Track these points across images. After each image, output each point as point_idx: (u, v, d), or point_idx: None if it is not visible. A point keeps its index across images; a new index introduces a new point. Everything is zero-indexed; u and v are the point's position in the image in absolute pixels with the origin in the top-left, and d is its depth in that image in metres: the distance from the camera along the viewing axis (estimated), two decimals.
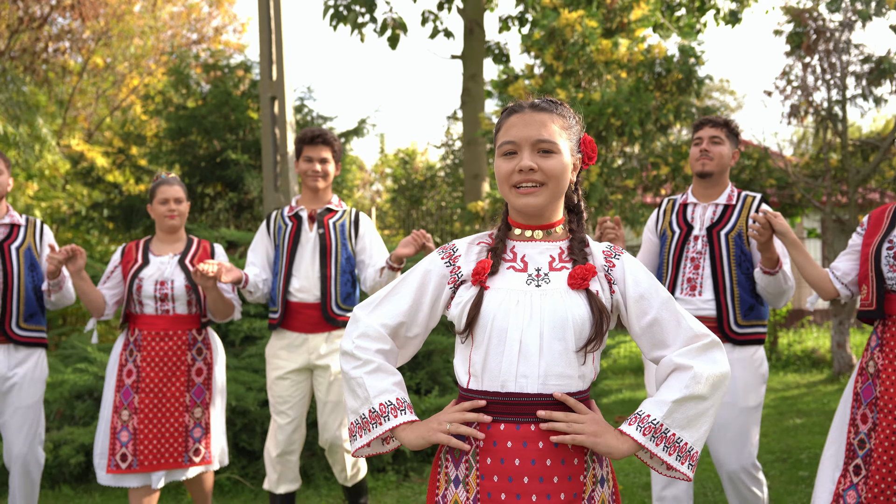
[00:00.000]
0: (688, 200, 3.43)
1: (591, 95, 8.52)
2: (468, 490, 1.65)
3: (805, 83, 9.12)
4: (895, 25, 8.88)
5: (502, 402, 1.63)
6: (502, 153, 1.71)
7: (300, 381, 3.70)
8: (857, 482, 2.73)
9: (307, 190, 3.75)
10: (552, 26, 8.87)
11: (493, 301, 1.67)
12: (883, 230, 2.83)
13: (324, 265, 3.65)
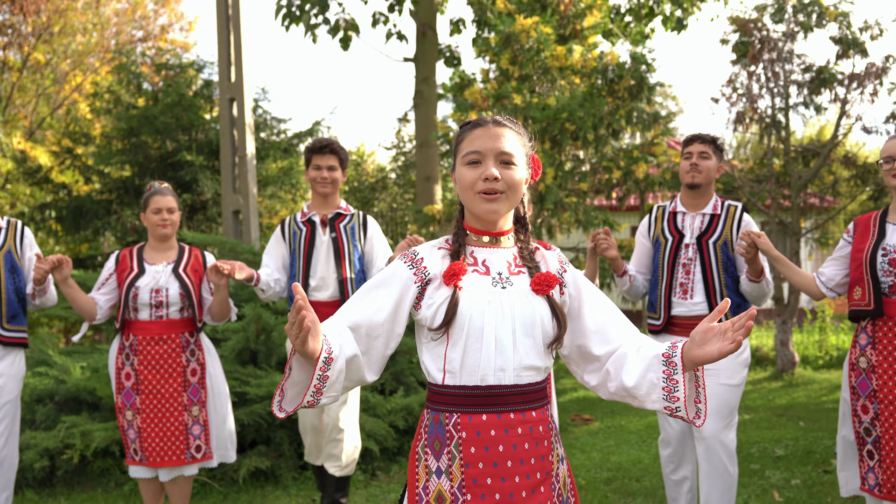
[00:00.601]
0: (677, 209, 3.69)
1: (546, 100, 8.68)
2: (452, 479, 1.76)
3: (750, 91, 9.44)
4: (835, 37, 9.25)
5: (484, 394, 1.77)
6: (466, 162, 1.83)
7: None
8: (872, 465, 3.13)
9: (317, 196, 4.01)
10: (508, 32, 9.01)
11: (467, 301, 1.79)
12: (874, 237, 3.17)
13: (339, 267, 3.92)
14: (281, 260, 4.03)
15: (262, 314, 5.07)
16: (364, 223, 4.06)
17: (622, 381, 1.79)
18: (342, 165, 4.00)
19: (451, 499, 1.75)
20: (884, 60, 9.16)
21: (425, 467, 1.81)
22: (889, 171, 3.16)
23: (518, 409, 1.78)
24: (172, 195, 3.81)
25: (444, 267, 1.84)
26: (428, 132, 12.35)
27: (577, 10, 9.58)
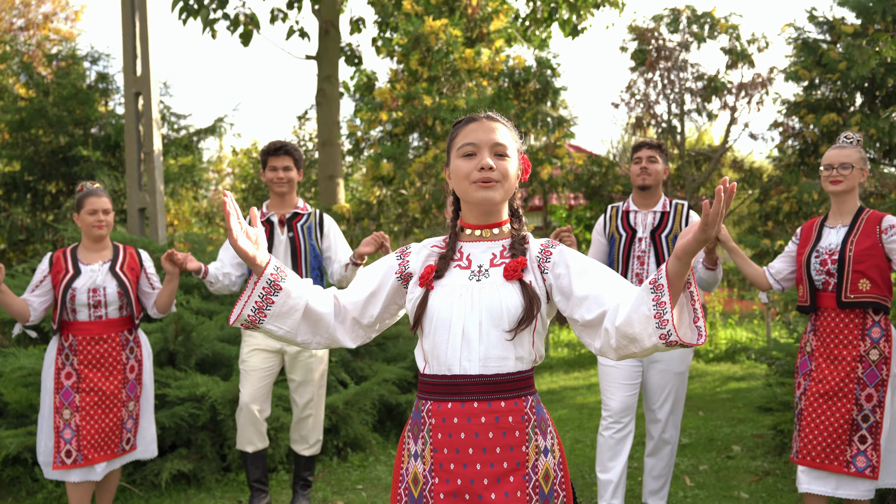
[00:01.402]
0: (629, 208, 4.04)
1: (455, 102, 8.81)
2: (424, 462, 1.86)
3: (647, 97, 9.86)
4: (725, 48, 9.79)
5: (449, 383, 1.85)
6: (462, 154, 1.90)
7: (269, 358, 4.15)
8: (795, 435, 3.54)
9: (275, 196, 4.17)
10: (417, 33, 9.08)
11: (438, 297, 1.89)
12: (812, 242, 3.54)
13: (295, 265, 4.09)
14: (236, 257, 4.12)
15: (184, 314, 4.96)
16: (320, 222, 4.21)
17: (615, 326, 1.74)
18: (297, 165, 4.16)
19: (423, 481, 1.86)
20: (769, 71, 9.76)
21: (408, 450, 1.93)
22: (828, 178, 3.48)
23: (483, 398, 1.83)
24: (107, 196, 3.84)
25: (425, 265, 1.96)
26: (331, 131, 12.28)
27: (483, 14, 9.75)
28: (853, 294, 3.37)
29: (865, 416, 3.34)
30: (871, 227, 3.41)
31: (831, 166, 3.45)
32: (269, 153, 4.12)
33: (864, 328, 3.38)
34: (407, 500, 1.88)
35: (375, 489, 4.81)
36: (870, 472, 3.30)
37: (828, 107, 9.37)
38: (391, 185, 9.32)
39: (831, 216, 3.55)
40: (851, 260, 3.36)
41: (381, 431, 5.96)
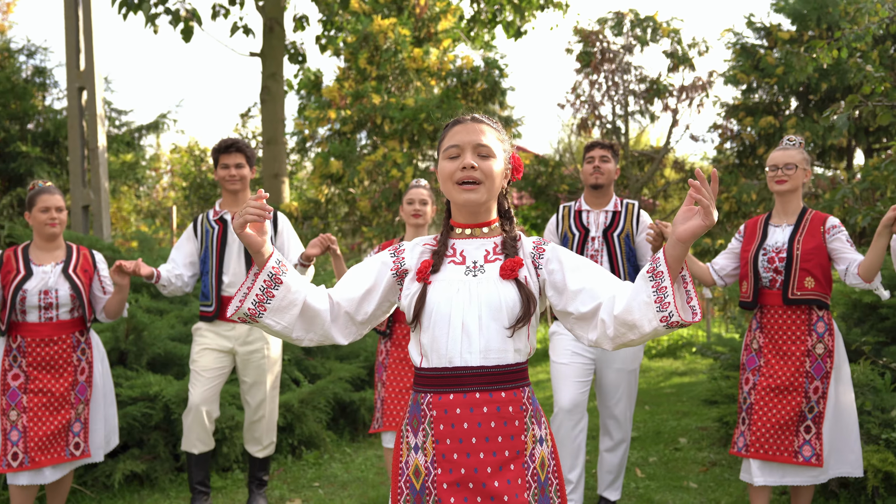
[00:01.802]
0: (581, 208, 4.07)
1: (404, 101, 8.84)
2: (426, 454, 1.88)
3: (592, 98, 10.05)
4: (667, 51, 10.04)
5: (451, 375, 1.88)
6: (447, 156, 1.95)
7: (221, 358, 4.11)
8: (743, 430, 3.59)
9: (227, 194, 4.12)
10: (366, 31, 9.09)
11: (436, 292, 1.91)
12: (758, 240, 3.62)
13: (248, 263, 4.06)
14: (189, 257, 4.13)
15: (136, 313, 4.88)
16: (275, 220, 4.15)
17: (614, 316, 1.81)
18: (249, 163, 4.10)
19: (426, 472, 1.87)
20: (709, 75, 10.05)
21: (406, 444, 1.93)
22: (773, 178, 3.58)
23: (484, 389, 1.87)
24: (60, 193, 3.73)
25: (420, 261, 1.98)
26: (275, 129, 12.17)
27: (431, 14, 9.81)
28: (799, 291, 3.47)
29: (811, 408, 3.47)
30: (816, 228, 3.53)
31: (776, 167, 3.54)
32: (221, 151, 4.06)
33: (810, 323, 3.48)
34: (408, 492, 1.89)
35: (332, 486, 4.82)
36: (815, 460, 3.42)
37: (765, 110, 9.69)
38: (340, 183, 9.30)
39: (775, 215, 3.64)
40: (799, 258, 3.46)
41: (335, 429, 5.95)
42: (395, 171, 8.56)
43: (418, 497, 1.87)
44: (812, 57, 6.51)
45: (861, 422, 4.22)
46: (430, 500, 1.85)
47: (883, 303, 4.84)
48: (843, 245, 3.49)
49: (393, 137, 9.03)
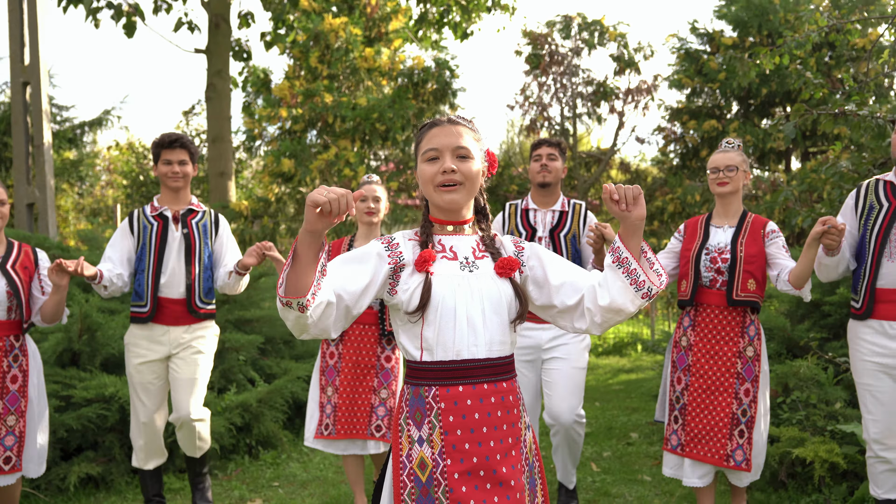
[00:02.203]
0: (528, 206, 4.02)
1: (356, 100, 8.84)
2: (433, 446, 1.90)
3: (541, 100, 10.21)
4: (614, 55, 10.25)
5: (459, 367, 1.92)
6: (426, 159, 1.98)
7: (160, 369, 3.94)
8: (676, 429, 3.60)
9: (168, 191, 3.94)
10: (317, 30, 9.06)
11: (439, 284, 1.94)
12: (700, 239, 3.63)
13: (189, 263, 3.91)
14: (126, 254, 3.92)
15: (90, 312, 4.79)
16: (216, 221, 4.06)
17: (600, 306, 1.95)
18: (192, 159, 3.96)
19: (433, 464, 1.89)
20: (653, 79, 10.29)
21: (408, 437, 1.93)
22: (714, 180, 3.61)
23: (490, 380, 1.93)
24: (3, 187, 3.55)
25: (415, 255, 1.98)
26: (221, 126, 12.03)
27: (382, 14, 9.82)
28: (743, 293, 3.50)
29: (744, 411, 3.47)
30: (757, 231, 3.59)
31: (717, 169, 3.56)
32: (163, 146, 3.89)
33: (743, 326, 3.50)
34: (413, 485, 1.90)
35: (292, 486, 4.81)
36: (745, 465, 3.44)
37: (707, 114, 9.97)
38: (290, 182, 9.25)
39: (716, 216, 3.65)
40: (742, 260, 3.50)
41: (291, 429, 5.93)
42: (348, 171, 8.55)
43: (424, 489, 1.88)
44: (756, 63, 6.75)
45: (807, 414, 4.41)
46: (438, 491, 1.88)
47: (826, 300, 5.04)
48: (779, 251, 3.56)
49: (345, 137, 9.02)
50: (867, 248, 3.28)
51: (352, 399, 3.86)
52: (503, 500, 1.88)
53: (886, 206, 3.25)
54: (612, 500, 4.38)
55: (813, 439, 4.12)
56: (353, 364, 3.88)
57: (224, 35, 12.57)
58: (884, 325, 3.23)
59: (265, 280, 6.51)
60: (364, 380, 3.88)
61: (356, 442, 3.89)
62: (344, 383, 3.86)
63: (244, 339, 5.60)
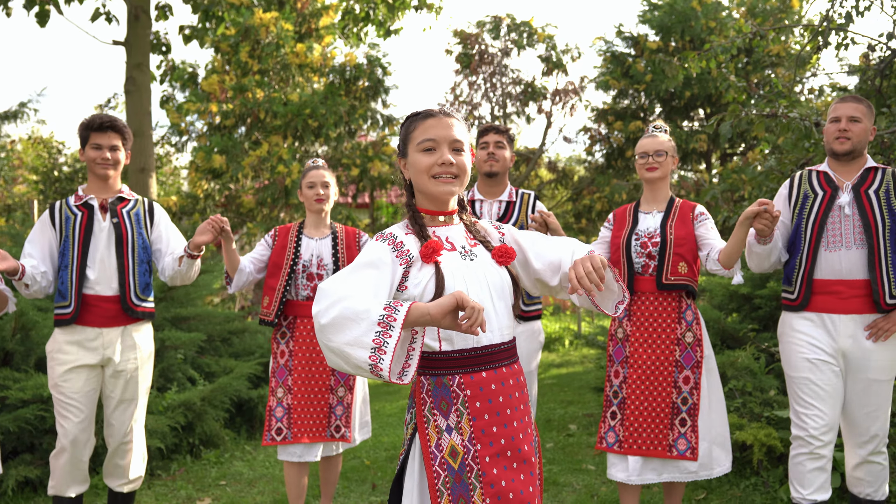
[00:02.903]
0: (475, 197, 3.88)
1: (288, 96, 8.75)
2: (462, 433, 1.92)
3: (471, 99, 10.32)
4: (542, 56, 10.45)
5: (479, 354, 1.96)
6: (422, 149, 1.99)
7: (92, 377, 3.51)
8: (613, 425, 3.45)
9: (96, 178, 3.57)
10: (247, 24, 8.92)
11: (449, 274, 1.96)
12: (629, 225, 3.55)
13: (120, 255, 3.53)
14: (48, 249, 3.54)
15: (27, 311, 4.62)
16: (150, 209, 3.70)
17: None
18: (125, 145, 3.57)
19: (464, 451, 1.92)
20: (580, 80, 10.53)
21: (435, 427, 1.94)
22: (644, 166, 3.54)
23: (506, 363, 1.99)
24: None
25: (418, 247, 1.98)
26: (141, 121, 11.66)
27: (313, 10, 9.74)
28: (673, 276, 3.39)
29: (684, 399, 3.38)
30: (686, 214, 3.54)
31: (646, 154, 3.49)
32: (93, 128, 3.49)
33: (679, 311, 3.42)
34: (446, 474, 1.91)
35: (239, 484, 4.75)
36: (690, 453, 3.32)
37: (632, 115, 10.27)
38: (220, 178, 9.07)
39: (645, 202, 3.58)
40: (672, 243, 3.40)
41: (233, 427, 5.85)
42: (282, 167, 8.46)
43: (458, 476, 1.90)
44: (683, 66, 7.01)
45: (745, 402, 4.63)
46: (472, 476, 1.90)
47: (756, 293, 5.29)
48: (709, 231, 3.50)
49: (276, 133, 8.92)
50: (802, 238, 3.29)
51: (307, 399, 3.64)
52: (527, 476, 1.95)
53: (822, 195, 3.27)
54: (561, 489, 4.49)
55: (751, 425, 4.32)
56: (307, 361, 3.67)
57: (144, 27, 12.18)
58: (822, 318, 3.23)
59: (203, 277, 6.39)
60: (319, 378, 3.68)
61: (313, 447, 3.66)
62: (298, 383, 3.65)
63: (185, 338, 5.48)
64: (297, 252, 3.74)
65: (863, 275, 3.20)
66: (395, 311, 1.75)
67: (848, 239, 3.21)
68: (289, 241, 3.77)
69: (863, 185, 3.24)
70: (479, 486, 1.90)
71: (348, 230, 3.91)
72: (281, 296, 3.67)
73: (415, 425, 2.00)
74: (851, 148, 3.25)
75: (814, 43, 6.54)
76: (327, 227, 3.83)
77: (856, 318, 3.21)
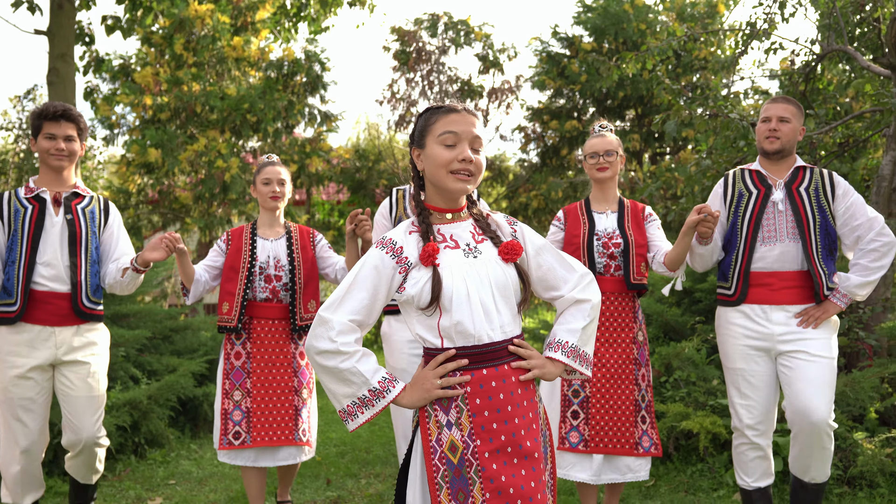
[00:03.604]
0: None
1: (226, 90, 8.61)
2: (462, 429, 1.95)
3: (409, 96, 10.34)
4: (479, 54, 10.54)
5: (482, 352, 1.97)
6: (442, 142, 1.99)
7: (44, 380, 3.38)
8: (577, 424, 3.42)
9: (48, 170, 3.43)
10: (181, 16, 8.74)
11: (448, 275, 1.98)
12: (586, 226, 3.58)
13: (73, 254, 3.40)
14: None
15: None
16: (106, 208, 3.59)
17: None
18: (81, 136, 3.47)
19: (463, 446, 1.95)
20: (516, 79, 10.68)
21: (436, 422, 1.97)
22: (594, 166, 3.60)
23: (508, 360, 1.99)
24: None
25: (419, 250, 2.00)
26: None
27: (249, 2, 9.60)
28: (638, 276, 3.45)
29: (643, 396, 3.46)
30: (637, 215, 3.63)
31: (597, 154, 3.53)
32: (46, 117, 3.36)
33: (634, 311, 3.49)
34: (445, 468, 1.95)
35: (189, 483, 4.68)
36: (654, 449, 3.41)
37: (567, 114, 10.46)
38: (153, 173, 8.86)
39: (595, 202, 3.62)
40: (634, 244, 3.46)
41: (176, 426, 5.74)
42: (221, 162, 8.31)
43: (457, 470, 1.93)
44: (619, 67, 7.20)
45: (689, 391, 4.80)
46: (471, 471, 1.93)
47: (697, 287, 5.49)
48: (657, 233, 3.60)
49: (213, 127, 8.76)
50: (739, 234, 3.39)
51: (271, 403, 3.55)
52: (528, 472, 1.96)
53: (756, 193, 3.39)
54: None
55: (697, 413, 4.49)
56: (266, 363, 3.58)
57: (68, 16, 11.78)
58: (755, 309, 3.33)
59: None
60: (281, 380, 3.59)
61: (266, 451, 3.56)
62: (257, 385, 3.54)
63: (129, 335, 5.36)
64: (254, 254, 3.62)
65: (793, 267, 3.32)
66: (385, 392, 1.98)
67: (782, 233, 3.33)
68: (243, 244, 3.64)
69: (794, 182, 3.37)
70: (479, 481, 1.93)
71: (302, 230, 3.84)
72: (241, 300, 3.55)
73: (417, 420, 2.03)
74: (781, 147, 3.37)
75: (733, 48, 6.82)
76: (281, 227, 3.72)
77: (787, 309, 3.30)
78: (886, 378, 4.59)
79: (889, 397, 4.46)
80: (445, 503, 1.93)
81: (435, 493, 1.94)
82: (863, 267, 3.30)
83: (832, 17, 6.23)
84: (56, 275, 3.37)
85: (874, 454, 4.02)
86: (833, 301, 3.29)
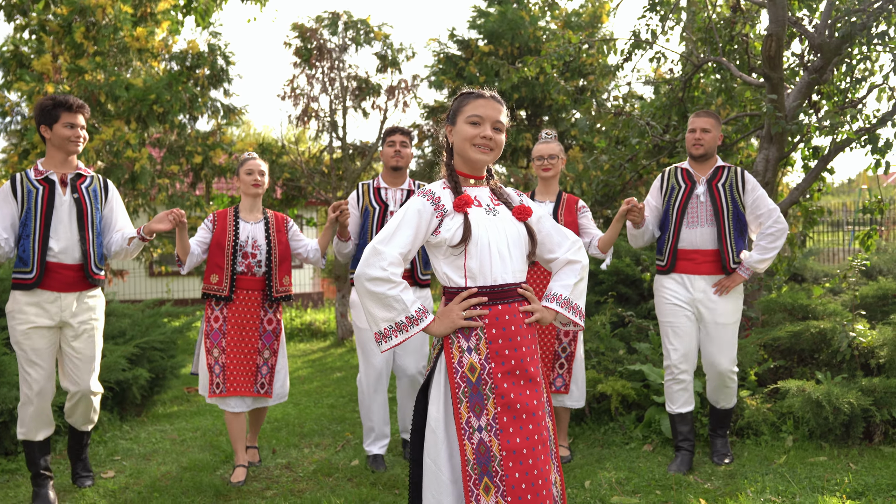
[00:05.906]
0: (380, 185, 4.55)
1: (132, 80, 8.59)
2: (479, 354, 2.40)
3: (310, 92, 10.54)
4: (378, 53, 10.88)
5: (498, 290, 2.44)
6: (469, 121, 2.44)
7: (51, 335, 3.86)
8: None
9: (59, 154, 3.87)
10: (82, 4, 8.64)
11: (475, 224, 2.43)
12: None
13: (82, 228, 3.88)
14: (9, 219, 3.80)
15: None
16: (105, 186, 4.06)
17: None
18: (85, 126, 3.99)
19: (480, 368, 2.39)
20: (413, 78, 11.09)
21: (458, 347, 2.41)
22: (540, 167, 4.47)
23: (518, 300, 2.46)
24: None
25: (452, 201, 2.45)
26: None
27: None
28: None
29: (564, 349, 4.41)
30: (571, 206, 4.50)
31: (542, 157, 4.45)
32: (68, 108, 3.82)
33: None
34: (465, 385, 2.38)
35: (134, 458, 4.85)
36: (563, 388, 4.43)
37: None
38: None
39: (539, 193, 4.54)
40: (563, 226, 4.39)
41: (105, 407, 5.82)
42: (131, 152, 8.30)
43: (475, 387, 2.37)
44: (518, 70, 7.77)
45: (599, 360, 5.39)
46: (486, 388, 2.37)
47: (599, 269, 6.11)
48: (590, 222, 4.52)
49: (119, 117, 8.71)
50: (670, 219, 4.27)
51: (238, 359, 4.22)
52: (533, 393, 2.42)
53: (684, 187, 4.27)
54: None
55: (608, 379, 5.08)
56: (239, 326, 4.26)
57: None
58: (682, 278, 4.23)
59: None
60: (249, 341, 4.27)
61: (245, 399, 4.29)
62: (231, 345, 4.23)
63: None
64: (237, 234, 4.27)
65: (711, 246, 4.20)
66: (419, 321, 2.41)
67: (702, 219, 4.21)
68: (228, 224, 4.30)
69: (714, 179, 4.24)
70: (493, 397, 2.37)
71: (278, 216, 4.48)
72: (231, 274, 4.23)
73: (441, 345, 2.47)
74: (704, 152, 4.24)
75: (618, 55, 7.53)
76: (260, 213, 4.38)
77: (706, 278, 4.21)
78: (762, 345, 5.34)
79: (765, 362, 5.19)
80: (465, 414, 2.37)
81: (456, 406, 2.38)
82: (762, 248, 4.17)
83: (708, 32, 7.02)
84: (66, 248, 3.85)
85: (758, 408, 4.71)
86: (739, 273, 4.18)
